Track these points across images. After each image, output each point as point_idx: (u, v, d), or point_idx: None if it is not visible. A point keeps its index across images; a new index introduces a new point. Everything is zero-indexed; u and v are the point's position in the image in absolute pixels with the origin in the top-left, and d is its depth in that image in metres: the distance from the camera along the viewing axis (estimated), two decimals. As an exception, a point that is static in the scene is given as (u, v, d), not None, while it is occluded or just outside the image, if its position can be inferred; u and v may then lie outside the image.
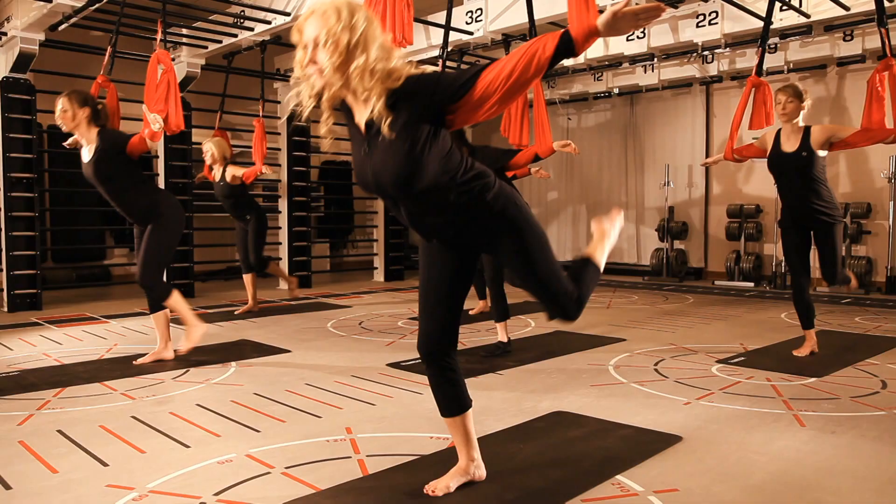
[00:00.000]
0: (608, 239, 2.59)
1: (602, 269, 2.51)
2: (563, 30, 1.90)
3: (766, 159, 4.49)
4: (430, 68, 2.08)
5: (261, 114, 7.54)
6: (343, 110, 2.13)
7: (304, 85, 2.02)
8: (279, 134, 9.08)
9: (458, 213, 2.12)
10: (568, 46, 1.88)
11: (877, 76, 4.33)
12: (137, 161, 4.32)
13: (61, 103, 4.14)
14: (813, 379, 3.95)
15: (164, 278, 4.54)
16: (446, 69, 5.93)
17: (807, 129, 4.27)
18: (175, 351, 4.56)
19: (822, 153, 4.25)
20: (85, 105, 4.17)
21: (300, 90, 2.04)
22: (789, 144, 4.32)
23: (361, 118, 2.06)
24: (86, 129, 4.19)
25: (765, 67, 7.96)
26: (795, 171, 4.30)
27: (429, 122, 1.99)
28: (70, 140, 4.50)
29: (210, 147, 6.41)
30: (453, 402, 2.36)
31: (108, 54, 5.43)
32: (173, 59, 7.75)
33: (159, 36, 5.18)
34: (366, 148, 2.07)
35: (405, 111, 1.97)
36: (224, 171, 6.43)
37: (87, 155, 4.25)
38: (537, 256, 2.21)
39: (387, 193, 2.12)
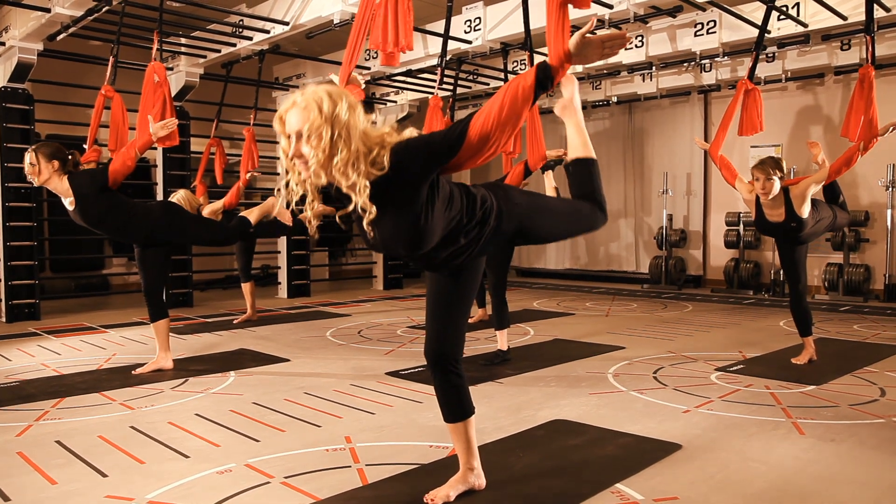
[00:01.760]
0: (580, 119, 2.52)
1: (595, 156, 2.51)
2: (542, 60, 1.99)
3: (752, 219, 4.50)
4: (410, 132, 2.03)
5: (252, 123, 7.53)
6: (335, 193, 2.09)
7: (292, 174, 2.01)
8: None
9: (470, 247, 2.20)
10: (546, 73, 1.96)
11: (857, 84, 4.37)
12: (120, 191, 4.20)
13: (28, 157, 3.97)
14: (812, 387, 3.95)
15: (164, 298, 4.54)
16: (445, 78, 5.95)
17: (786, 194, 4.21)
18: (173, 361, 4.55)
19: (807, 209, 4.22)
20: (53, 159, 3.96)
21: (288, 179, 2.02)
22: (775, 213, 4.28)
23: (356, 204, 2.00)
24: (58, 182, 4.01)
25: (763, 76, 8.04)
26: (788, 238, 4.34)
27: (425, 184, 1.98)
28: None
29: (179, 202, 6.11)
30: (457, 408, 2.37)
31: (110, 64, 5.44)
32: (171, 69, 7.79)
33: (155, 47, 5.19)
34: (369, 227, 2.05)
35: (400, 186, 1.96)
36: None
37: (69, 205, 4.12)
38: (556, 227, 2.42)
39: (401, 256, 2.19)
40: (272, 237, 8.22)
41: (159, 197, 7.96)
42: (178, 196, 5.96)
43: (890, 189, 7.99)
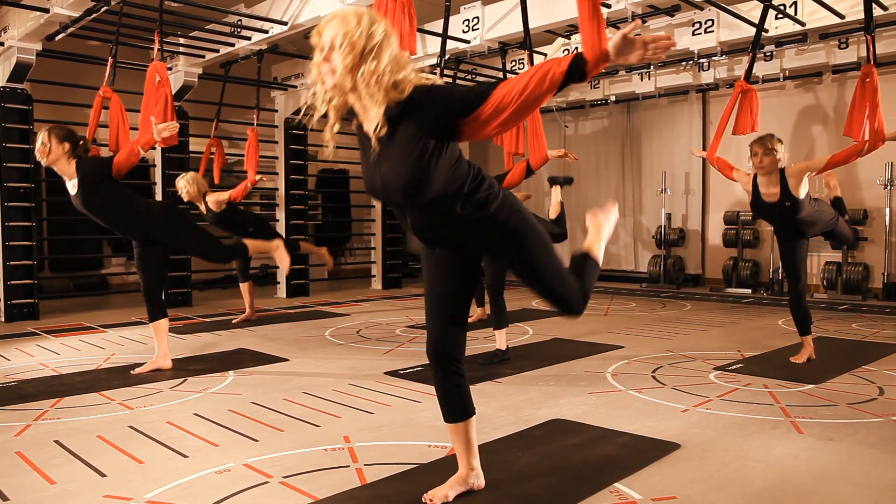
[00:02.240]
0: (604, 232, 2.64)
1: (601, 263, 2.57)
2: (576, 51, 1.93)
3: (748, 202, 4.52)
4: (437, 80, 2.09)
5: (255, 123, 7.54)
6: (351, 118, 2.16)
7: (318, 86, 2.07)
8: (276, 143, 9.09)
9: (463, 224, 2.16)
10: (580, 67, 1.92)
11: (859, 83, 4.35)
12: (123, 183, 4.28)
13: (41, 137, 4.08)
14: (810, 386, 3.96)
15: (163, 298, 4.53)
16: (444, 77, 5.95)
17: (782, 174, 4.22)
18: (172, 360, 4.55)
19: (803, 192, 4.21)
20: (65, 141, 4.09)
21: (315, 90, 2.09)
22: (770, 194, 4.27)
23: (369, 127, 2.06)
24: (65, 164, 4.12)
25: (762, 75, 8.04)
26: (782, 218, 4.33)
27: (438, 133, 2.00)
28: None
29: (184, 185, 6.15)
30: (458, 408, 2.36)
31: (109, 65, 5.45)
32: (170, 69, 7.79)
33: (156, 47, 5.19)
34: (374, 156, 2.08)
35: (413, 122, 1.99)
36: (206, 203, 6.29)
37: (72, 189, 4.20)
38: (542, 262, 2.28)
39: (394, 201, 2.15)
40: None
41: (158, 196, 7.96)
42: (187, 177, 6.13)
43: (888, 188, 8.00)
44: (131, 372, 4.42)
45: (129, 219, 4.27)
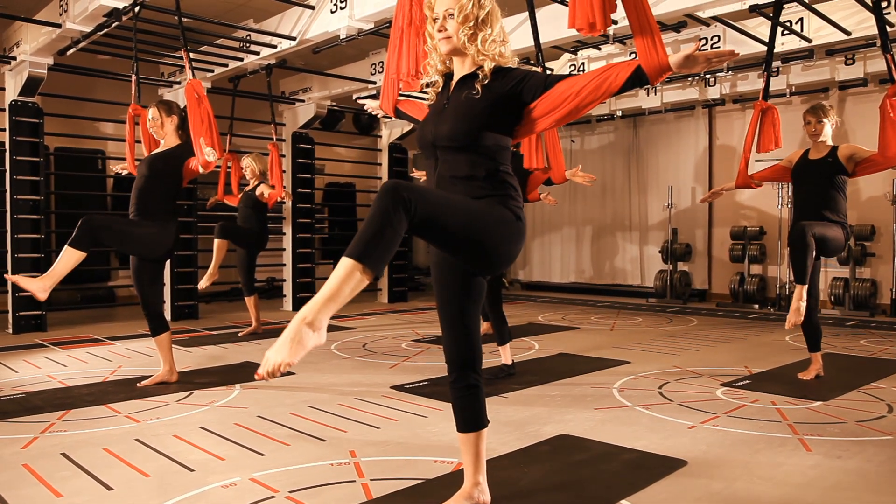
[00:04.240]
0: None
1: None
2: (635, 62, 2.05)
3: (790, 173, 4.65)
4: (517, 63, 2.40)
5: (274, 138, 7.60)
6: (445, 77, 2.39)
7: (433, 54, 2.35)
8: (284, 156, 9.14)
9: (474, 198, 2.20)
10: (641, 79, 2.07)
11: (887, 102, 4.32)
12: (181, 186, 4.54)
13: (151, 112, 4.48)
14: (818, 403, 3.94)
15: (165, 310, 4.56)
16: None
17: (834, 146, 4.47)
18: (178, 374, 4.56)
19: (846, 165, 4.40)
20: (172, 114, 4.50)
21: (432, 58, 2.37)
22: (817, 153, 4.51)
23: (459, 74, 2.30)
24: (170, 136, 4.51)
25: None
26: (819, 175, 4.43)
27: (505, 108, 2.21)
28: (122, 166, 5.14)
29: (250, 162, 6.83)
30: (471, 418, 2.35)
31: (133, 83, 5.53)
32: (179, 83, 7.86)
33: (188, 66, 5.24)
34: (446, 102, 2.30)
35: (497, 87, 2.21)
36: (257, 185, 6.79)
37: (159, 149, 4.57)
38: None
39: (438, 145, 2.25)
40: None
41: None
42: (253, 155, 6.85)
43: (896, 203, 7.98)
44: (137, 385, 4.43)
45: (155, 200, 4.39)
